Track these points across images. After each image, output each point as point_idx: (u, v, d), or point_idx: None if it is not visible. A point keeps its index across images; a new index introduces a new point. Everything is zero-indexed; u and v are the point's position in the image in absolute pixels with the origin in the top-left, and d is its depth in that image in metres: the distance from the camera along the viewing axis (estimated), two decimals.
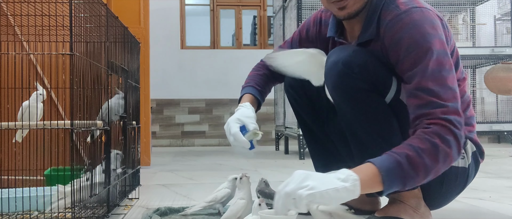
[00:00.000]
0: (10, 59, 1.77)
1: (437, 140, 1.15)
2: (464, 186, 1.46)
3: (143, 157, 3.36)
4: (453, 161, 1.20)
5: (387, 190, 1.14)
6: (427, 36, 1.24)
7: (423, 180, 1.17)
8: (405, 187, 1.17)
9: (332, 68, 1.36)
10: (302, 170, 1.11)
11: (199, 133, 6.76)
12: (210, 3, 7.09)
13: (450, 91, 1.21)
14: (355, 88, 1.32)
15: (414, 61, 1.24)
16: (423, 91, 1.21)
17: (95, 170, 1.43)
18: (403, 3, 1.32)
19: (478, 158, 1.47)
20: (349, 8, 1.36)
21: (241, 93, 1.58)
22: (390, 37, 1.30)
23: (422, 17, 1.27)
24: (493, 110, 5.23)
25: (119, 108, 1.75)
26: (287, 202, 1.07)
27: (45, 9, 1.64)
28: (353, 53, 1.34)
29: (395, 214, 1.41)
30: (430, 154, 1.15)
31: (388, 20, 1.31)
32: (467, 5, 4.84)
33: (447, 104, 1.19)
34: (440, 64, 1.23)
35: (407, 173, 1.14)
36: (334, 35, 1.50)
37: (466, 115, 1.45)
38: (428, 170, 1.15)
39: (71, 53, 1.23)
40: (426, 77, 1.21)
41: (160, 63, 6.22)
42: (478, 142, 1.49)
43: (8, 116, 1.74)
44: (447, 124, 1.17)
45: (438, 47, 1.24)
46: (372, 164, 1.14)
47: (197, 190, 2.33)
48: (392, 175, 1.12)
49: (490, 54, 4.40)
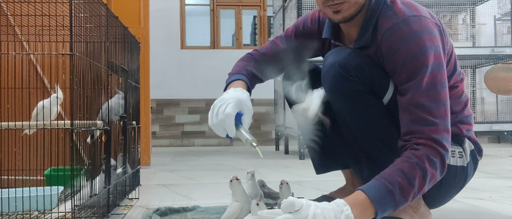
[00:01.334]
0: (10, 59, 1.77)
1: (426, 164, 1.20)
2: (463, 185, 1.47)
3: (143, 157, 3.36)
4: (439, 178, 1.24)
5: (380, 217, 1.17)
6: (424, 49, 1.25)
7: (411, 200, 1.21)
8: (395, 210, 1.20)
9: (329, 71, 1.36)
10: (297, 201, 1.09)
11: (199, 133, 6.76)
12: (210, 3, 7.09)
13: (442, 107, 1.25)
14: (352, 90, 1.33)
15: (410, 74, 1.25)
16: (415, 106, 1.24)
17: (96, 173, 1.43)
18: (401, 10, 1.31)
19: (477, 156, 1.49)
20: (343, 12, 1.35)
21: (232, 78, 1.51)
22: (387, 46, 1.29)
23: (420, 28, 1.27)
24: (493, 110, 5.22)
25: (119, 108, 1.74)
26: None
27: (45, 9, 1.64)
28: (350, 56, 1.34)
29: (395, 214, 1.41)
30: (420, 180, 1.19)
31: (386, 28, 1.30)
32: (467, 5, 4.84)
33: (437, 122, 1.23)
34: (434, 79, 1.25)
35: (399, 201, 1.18)
36: (330, 37, 1.49)
37: (464, 114, 1.47)
38: (416, 194, 1.21)
39: (71, 53, 1.23)
40: (420, 93, 1.24)
41: (160, 63, 6.22)
42: (476, 140, 1.50)
43: (8, 116, 1.74)
44: (435, 145, 1.22)
45: (433, 60, 1.25)
46: (364, 195, 1.15)
47: (197, 190, 2.33)
48: (384, 206, 1.16)
49: (490, 54, 4.40)
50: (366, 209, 1.14)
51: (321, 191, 2.08)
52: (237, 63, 1.60)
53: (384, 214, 1.17)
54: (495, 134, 6.07)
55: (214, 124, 1.30)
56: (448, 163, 1.39)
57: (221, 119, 1.28)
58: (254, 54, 1.62)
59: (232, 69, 1.58)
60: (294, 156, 4.50)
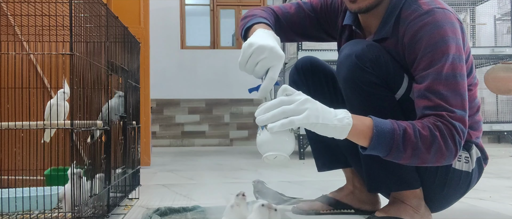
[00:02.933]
0: (10, 59, 1.77)
1: (437, 133, 1.18)
2: (466, 191, 1.47)
3: (143, 157, 3.36)
4: (444, 161, 1.22)
5: (371, 149, 1.17)
6: (446, 39, 1.24)
7: (407, 160, 1.20)
8: (387, 157, 1.19)
9: (345, 61, 1.36)
10: (303, 95, 1.12)
11: (199, 133, 6.76)
12: (210, 3, 7.09)
13: (459, 98, 1.23)
14: (366, 81, 1.33)
15: (430, 61, 1.24)
16: (433, 93, 1.22)
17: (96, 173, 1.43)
18: (425, 3, 1.31)
19: (482, 164, 1.48)
20: (359, 2, 1.35)
21: (256, 20, 1.39)
22: (410, 35, 1.29)
23: (444, 19, 1.27)
24: (493, 110, 5.23)
25: (120, 107, 1.74)
26: (279, 115, 1.09)
27: (45, 9, 1.64)
28: (367, 48, 1.34)
29: (396, 214, 1.41)
30: (426, 142, 1.17)
31: (410, 19, 1.30)
32: (467, 5, 4.84)
33: (455, 110, 1.21)
34: (455, 69, 1.23)
35: (397, 144, 1.17)
36: (353, 23, 1.48)
37: (475, 119, 1.46)
38: (416, 154, 1.18)
39: (71, 53, 1.23)
40: (439, 80, 1.22)
41: (160, 63, 6.22)
42: (483, 147, 1.49)
43: (8, 116, 1.73)
44: (452, 128, 1.19)
45: (455, 51, 1.24)
46: (371, 120, 1.17)
47: (197, 190, 2.33)
48: (382, 138, 1.16)
49: (490, 54, 4.40)
50: (365, 130, 1.15)
51: (321, 191, 2.08)
52: (256, 11, 1.48)
53: (377, 148, 1.17)
54: (495, 134, 6.07)
55: (247, 71, 1.24)
56: (454, 166, 1.38)
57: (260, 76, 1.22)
58: (276, 10, 1.56)
59: (249, 12, 1.48)
60: (294, 156, 4.50)
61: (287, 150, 1.12)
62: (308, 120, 1.09)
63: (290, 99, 1.10)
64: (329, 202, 1.71)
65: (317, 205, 1.71)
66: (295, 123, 1.08)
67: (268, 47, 1.19)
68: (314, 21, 1.59)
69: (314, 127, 1.11)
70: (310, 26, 1.59)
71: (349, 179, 1.72)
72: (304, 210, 1.70)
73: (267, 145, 1.11)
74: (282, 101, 1.10)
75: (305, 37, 1.64)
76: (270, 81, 1.19)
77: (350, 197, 1.70)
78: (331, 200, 1.71)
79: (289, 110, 1.09)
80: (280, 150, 1.11)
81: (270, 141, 1.10)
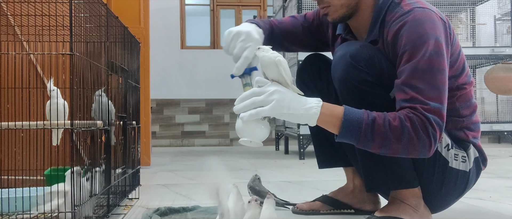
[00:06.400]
0: (10, 59, 1.77)
1: (408, 124, 1.21)
2: (464, 191, 1.47)
3: (143, 157, 3.36)
4: (418, 153, 1.24)
5: (341, 137, 1.24)
6: (425, 35, 1.27)
7: (377, 149, 1.24)
8: (358, 145, 1.25)
9: (339, 61, 1.38)
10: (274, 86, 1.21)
11: (199, 133, 6.76)
12: (210, 3, 7.09)
13: (436, 91, 1.24)
14: (361, 80, 1.34)
15: (408, 57, 1.27)
16: (409, 87, 1.25)
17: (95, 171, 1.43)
18: (407, 4, 1.35)
19: (480, 165, 1.48)
20: (331, 14, 1.44)
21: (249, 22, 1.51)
22: (392, 35, 1.33)
23: (424, 16, 1.30)
24: (493, 110, 5.22)
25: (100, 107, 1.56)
26: (250, 105, 1.20)
27: (45, 9, 1.63)
28: (361, 48, 1.36)
29: (395, 214, 1.41)
30: (396, 132, 1.21)
31: (392, 20, 1.35)
32: (467, 5, 4.84)
33: (429, 103, 1.23)
34: (432, 63, 1.25)
35: (365, 133, 1.21)
36: (342, 33, 1.54)
37: (472, 119, 1.46)
38: (386, 143, 1.22)
39: (71, 53, 1.23)
40: (414, 75, 1.25)
41: (160, 63, 6.22)
42: (482, 148, 1.49)
43: (8, 116, 1.73)
44: (425, 120, 1.22)
45: (433, 47, 1.26)
46: (343, 109, 1.23)
47: (197, 190, 2.33)
48: (350, 126, 1.22)
49: (490, 54, 4.40)
50: (333, 119, 1.22)
51: (321, 191, 2.08)
52: (252, 19, 1.57)
53: (346, 136, 1.22)
54: (495, 134, 6.07)
55: (229, 54, 1.41)
56: (451, 165, 1.39)
57: (239, 58, 1.36)
58: (271, 21, 1.64)
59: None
60: (294, 156, 4.50)
61: (258, 137, 1.23)
62: (274, 111, 1.19)
63: (260, 90, 1.21)
64: (329, 202, 1.71)
65: (317, 205, 1.71)
66: (261, 114, 1.19)
67: (245, 31, 1.38)
68: (307, 30, 1.65)
69: (281, 116, 1.21)
70: (303, 34, 1.66)
71: (349, 178, 1.73)
72: (304, 210, 1.70)
73: (241, 132, 1.24)
74: (254, 92, 1.22)
75: (300, 46, 1.70)
76: (244, 60, 1.34)
77: (350, 197, 1.70)
78: (331, 200, 1.71)
79: (258, 101, 1.20)
80: (251, 137, 1.22)
81: (243, 129, 1.23)
